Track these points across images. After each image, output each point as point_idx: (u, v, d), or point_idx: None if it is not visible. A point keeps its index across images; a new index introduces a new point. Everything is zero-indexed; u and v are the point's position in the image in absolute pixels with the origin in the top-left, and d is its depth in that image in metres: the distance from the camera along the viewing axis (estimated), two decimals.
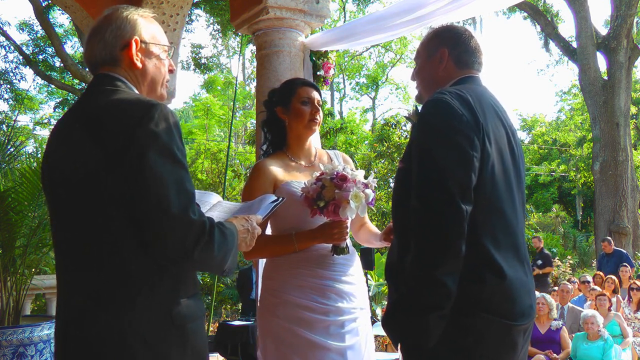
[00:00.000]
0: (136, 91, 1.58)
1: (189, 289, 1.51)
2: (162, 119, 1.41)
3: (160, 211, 1.37)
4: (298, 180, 2.33)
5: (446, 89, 1.72)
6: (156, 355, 1.42)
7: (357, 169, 2.31)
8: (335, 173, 2.17)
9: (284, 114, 2.41)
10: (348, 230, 2.28)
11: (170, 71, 1.67)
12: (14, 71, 18.77)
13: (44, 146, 1.63)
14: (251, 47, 20.32)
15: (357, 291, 2.34)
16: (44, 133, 21.55)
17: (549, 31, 17.10)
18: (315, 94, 2.42)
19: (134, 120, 1.40)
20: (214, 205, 1.82)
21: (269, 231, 2.40)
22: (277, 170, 2.34)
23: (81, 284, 1.45)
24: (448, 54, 1.83)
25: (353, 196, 2.12)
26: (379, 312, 8.70)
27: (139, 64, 1.58)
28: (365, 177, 2.24)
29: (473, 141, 1.57)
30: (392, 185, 15.02)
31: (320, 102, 2.44)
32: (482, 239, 1.59)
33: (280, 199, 1.88)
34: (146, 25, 1.60)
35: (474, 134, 1.58)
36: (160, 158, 1.39)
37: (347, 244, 2.30)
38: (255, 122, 4.13)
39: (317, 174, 2.22)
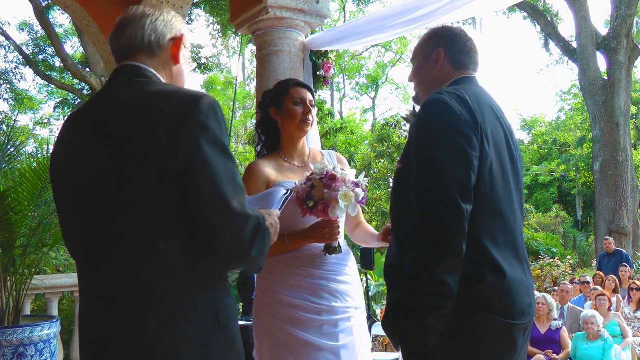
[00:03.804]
0: None
1: (227, 288, 1.46)
2: (211, 111, 1.37)
3: (217, 207, 1.32)
4: (291, 180, 2.33)
5: (444, 89, 1.72)
6: (203, 357, 1.36)
7: (356, 169, 2.31)
8: (325, 173, 2.17)
9: (276, 114, 2.42)
10: (340, 229, 2.29)
11: None
12: (14, 71, 18.81)
13: (44, 146, 1.59)
14: (251, 47, 20.31)
15: (352, 291, 2.34)
16: (44, 133, 21.59)
17: (549, 31, 17.11)
18: (307, 95, 2.42)
19: (184, 112, 1.34)
20: None
21: None
22: (270, 170, 2.35)
23: (122, 284, 1.36)
24: (444, 55, 1.84)
25: (342, 195, 2.13)
26: (379, 312, 8.70)
27: (180, 60, 1.57)
28: (357, 177, 2.25)
29: (472, 140, 1.57)
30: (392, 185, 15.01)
31: (313, 103, 2.45)
32: (481, 238, 1.59)
33: (290, 192, 1.88)
34: (187, 32, 1.62)
35: (472, 134, 1.58)
36: (213, 151, 1.33)
37: (339, 244, 2.30)
38: (255, 122, 4.15)
39: (308, 174, 2.23)
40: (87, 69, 14.30)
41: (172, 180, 1.32)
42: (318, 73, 4.09)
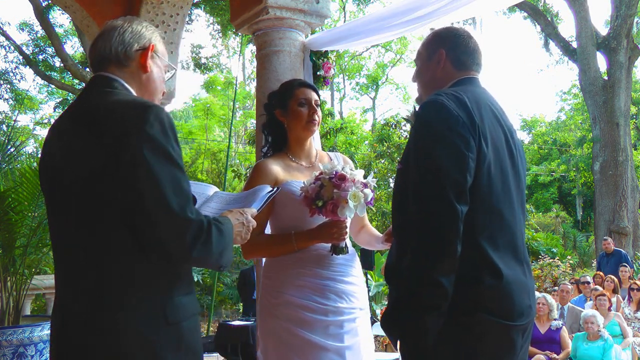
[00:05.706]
0: (134, 93, 1.62)
1: (184, 287, 1.53)
2: (157, 121, 1.45)
3: (158, 211, 1.41)
4: (299, 180, 2.32)
5: (443, 90, 1.73)
6: (151, 354, 1.44)
7: (356, 169, 2.31)
8: (334, 172, 2.17)
9: (282, 116, 2.42)
10: (347, 230, 2.28)
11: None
12: (14, 71, 18.81)
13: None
14: (251, 47, 20.32)
15: (357, 291, 2.34)
16: (44, 133, 21.55)
17: (549, 31, 17.10)
18: (312, 95, 2.42)
19: (130, 122, 1.43)
20: (210, 197, 1.85)
21: (268, 230, 2.40)
22: (278, 169, 2.34)
23: (78, 284, 1.48)
24: (446, 55, 1.84)
25: (352, 196, 2.13)
26: (379, 312, 8.70)
27: (149, 69, 1.64)
28: (365, 177, 2.25)
29: (469, 142, 1.58)
30: (392, 185, 15.04)
31: (318, 103, 2.45)
32: (479, 239, 1.60)
33: (276, 189, 1.89)
34: (160, 41, 1.70)
35: (469, 135, 1.59)
36: (156, 158, 1.42)
37: (346, 244, 2.30)
38: (255, 122, 4.15)
39: (317, 173, 2.22)
40: (87, 69, 14.29)
41: (120, 186, 1.42)
42: (318, 73, 4.09)
